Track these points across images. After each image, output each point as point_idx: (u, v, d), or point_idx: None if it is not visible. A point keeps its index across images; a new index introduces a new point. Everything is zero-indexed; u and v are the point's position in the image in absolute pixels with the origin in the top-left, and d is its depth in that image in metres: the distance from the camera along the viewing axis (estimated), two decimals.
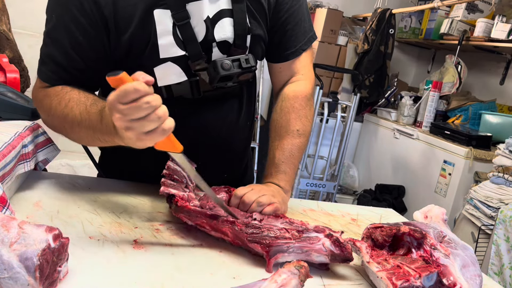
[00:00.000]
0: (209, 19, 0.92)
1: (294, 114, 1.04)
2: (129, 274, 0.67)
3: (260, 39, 1.00)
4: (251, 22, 0.96)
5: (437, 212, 0.90)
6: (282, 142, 1.02)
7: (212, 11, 0.92)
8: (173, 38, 0.89)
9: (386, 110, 3.30)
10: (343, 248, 0.76)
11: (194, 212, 0.81)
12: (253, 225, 0.79)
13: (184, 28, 0.89)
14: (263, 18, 0.99)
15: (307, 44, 1.08)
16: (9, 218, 0.59)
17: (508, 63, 2.88)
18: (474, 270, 0.73)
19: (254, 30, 0.97)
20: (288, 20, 1.03)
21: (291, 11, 1.03)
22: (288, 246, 0.75)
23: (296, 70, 1.09)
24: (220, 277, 0.71)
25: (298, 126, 1.04)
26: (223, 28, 0.93)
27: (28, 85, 1.66)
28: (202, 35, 0.92)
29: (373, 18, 3.27)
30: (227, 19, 0.93)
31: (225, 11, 0.93)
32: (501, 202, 1.92)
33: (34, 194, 0.89)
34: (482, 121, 2.65)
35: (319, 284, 0.74)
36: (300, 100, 1.06)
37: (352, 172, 3.50)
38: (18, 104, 0.97)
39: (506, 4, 2.77)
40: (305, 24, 1.07)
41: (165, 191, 0.84)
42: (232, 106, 1.04)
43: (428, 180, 2.67)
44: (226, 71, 0.90)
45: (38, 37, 2.61)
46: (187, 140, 0.76)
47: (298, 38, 1.06)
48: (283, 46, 1.05)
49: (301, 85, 1.08)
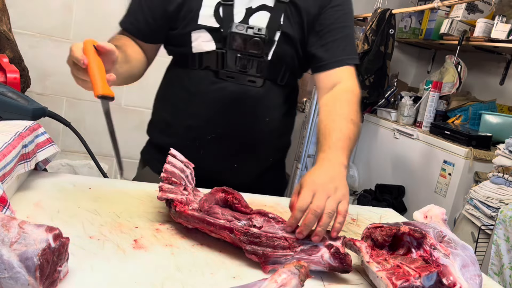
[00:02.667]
0: (251, 8, 1.09)
1: (348, 104, 1.05)
2: (129, 274, 0.67)
3: (289, 39, 1.11)
4: (285, 21, 1.09)
5: (437, 212, 0.90)
6: (338, 124, 0.99)
7: (257, 3, 1.09)
8: (213, 12, 1.07)
9: (386, 110, 3.30)
10: (343, 260, 0.75)
11: (192, 218, 0.81)
12: (252, 234, 0.76)
13: (226, 7, 1.07)
14: (298, 26, 1.11)
15: (351, 60, 1.14)
16: (9, 218, 0.59)
17: (508, 63, 2.87)
18: (474, 270, 0.73)
19: (284, 28, 1.09)
20: (330, 34, 1.12)
21: (334, 27, 1.12)
22: (286, 258, 0.75)
23: (342, 78, 1.12)
24: (220, 277, 0.71)
25: (353, 116, 1.02)
26: (259, 18, 1.09)
27: (28, 85, 1.66)
28: (239, 19, 1.08)
29: (373, 18, 3.27)
30: (265, 13, 1.09)
31: (266, 7, 1.09)
32: (501, 202, 1.92)
33: (34, 194, 0.89)
34: (482, 121, 2.65)
35: (319, 284, 0.74)
36: (351, 94, 1.08)
37: (352, 172, 3.50)
38: (19, 104, 0.97)
39: (506, 4, 2.77)
40: (351, 45, 1.15)
41: (163, 197, 0.83)
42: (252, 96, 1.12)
43: (428, 180, 2.67)
44: (239, 30, 1.05)
45: (38, 37, 2.62)
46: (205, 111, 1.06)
47: (342, 52, 1.12)
48: (326, 56, 1.12)
49: (348, 83, 1.11)
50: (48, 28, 2.66)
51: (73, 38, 2.66)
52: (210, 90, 1.12)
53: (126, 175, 1.08)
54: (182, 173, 0.91)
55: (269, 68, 1.11)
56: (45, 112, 1.02)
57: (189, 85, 1.15)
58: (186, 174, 0.93)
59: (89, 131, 2.82)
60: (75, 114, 2.84)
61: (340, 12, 1.14)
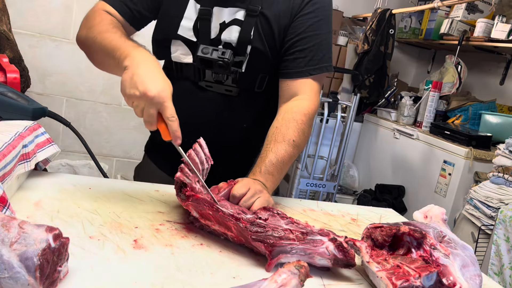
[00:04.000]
0: (224, 23, 1.12)
1: (294, 125, 1.07)
2: (129, 274, 0.67)
3: (260, 52, 1.12)
4: (255, 35, 1.11)
5: (437, 212, 0.90)
6: (277, 146, 1.04)
7: (229, 18, 1.11)
8: (193, 25, 1.11)
9: (386, 110, 3.30)
10: (347, 253, 0.75)
11: (202, 201, 0.81)
12: (258, 224, 0.78)
13: (203, 23, 1.11)
14: (269, 38, 1.12)
15: (316, 70, 1.13)
16: (9, 218, 0.59)
17: (508, 63, 2.88)
18: (474, 270, 0.73)
19: (254, 42, 1.11)
20: (299, 43, 1.12)
21: (304, 36, 1.12)
22: (292, 247, 0.75)
23: (302, 90, 1.13)
24: (220, 277, 0.71)
25: (295, 137, 1.06)
26: (230, 32, 1.11)
27: (28, 85, 1.66)
28: (215, 34, 1.12)
29: (373, 18, 3.27)
30: (236, 27, 1.11)
31: (237, 21, 1.11)
32: (501, 202, 1.92)
33: (34, 194, 0.89)
34: (482, 121, 2.66)
35: (319, 284, 0.74)
36: (301, 116, 1.09)
37: (352, 172, 3.50)
38: (19, 104, 0.97)
39: (506, 4, 2.77)
40: (321, 53, 1.14)
41: (181, 178, 0.84)
42: (229, 105, 1.16)
43: (428, 180, 2.67)
44: (204, 54, 1.07)
45: (38, 37, 2.62)
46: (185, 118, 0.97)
47: (308, 62, 1.12)
48: (291, 65, 1.13)
49: (304, 104, 1.12)
50: (48, 28, 2.65)
51: (73, 38, 2.66)
52: (189, 98, 1.17)
53: (126, 175, 1.08)
54: (201, 165, 0.92)
55: (243, 79, 1.14)
56: (45, 112, 1.02)
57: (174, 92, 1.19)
58: (204, 168, 0.93)
59: (89, 131, 2.82)
60: (75, 114, 2.84)
61: (313, 19, 1.12)
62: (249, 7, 1.10)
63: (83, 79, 2.81)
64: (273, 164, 1.01)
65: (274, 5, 1.11)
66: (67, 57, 2.73)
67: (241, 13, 1.11)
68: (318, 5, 1.13)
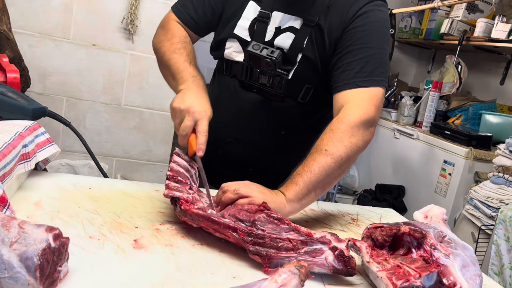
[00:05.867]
0: (279, 28, 1.15)
1: (328, 135, 1.01)
2: (129, 274, 0.67)
3: (309, 61, 1.13)
4: (307, 45, 1.13)
5: (437, 212, 0.90)
6: (308, 157, 0.99)
7: (285, 24, 1.15)
8: (249, 25, 1.16)
9: (386, 110, 3.30)
10: (347, 262, 0.74)
11: (197, 216, 0.81)
12: (255, 234, 0.76)
13: (260, 24, 1.15)
14: (320, 48, 1.13)
15: (365, 83, 1.06)
16: (9, 217, 0.59)
17: (508, 63, 2.87)
18: (474, 270, 0.73)
19: (305, 51, 1.13)
20: (347, 56, 1.09)
21: (352, 49, 1.09)
22: (289, 260, 0.75)
23: (347, 100, 1.06)
24: (220, 277, 0.71)
25: (328, 146, 0.99)
26: (284, 38, 1.14)
27: (28, 85, 1.66)
28: (269, 37, 1.15)
29: None
30: (290, 34, 1.14)
31: (293, 28, 1.14)
32: (501, 202, 1.92)
33: (34, 194, 0.89)
34: (482, 121, 2.65)
35: (319, 285, 0.74)
36: (339, 124, 1.02)
37: (352, 172, 3.50)
38: (19, 104, 0.97)
39: (506, 4, 2.77)
40: (371, 67, 1.07)
41: (170, 194, 0.83)
42: (270, 109, 1.19)
43: (428, 180, 2.67)
44: (254, 50, 1.10)
45: (38, 37, 2.62)
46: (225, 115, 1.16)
47: (355, 74, 1.07)
48: (339, 79, 1.09)
49: (345, 112, 1.04)
50: (48, 28, 2.65)
51: (73, 38, 2.66)
52: (234, 97, 1.21)
53: (126, 175, 1.08)
54: (187, 172, 0.92)
55: (288, 86, 1.15)
56: (45, 112, 1.02)
57: (218, 89, 1.26)
58: (191, 174, 0.93)
59: (89, 131, 2.82)
60: (75, 114, 2.84)
61: (363, 33, 1.09)
62: (308, 17, 1.12)
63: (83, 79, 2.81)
64: (299, 175, 0.96)
65: (329, 18, 1.12)
66: (67, 57, 2.73)
67: (298, 22, 1.14)
68: (369, 19, 1.09)
